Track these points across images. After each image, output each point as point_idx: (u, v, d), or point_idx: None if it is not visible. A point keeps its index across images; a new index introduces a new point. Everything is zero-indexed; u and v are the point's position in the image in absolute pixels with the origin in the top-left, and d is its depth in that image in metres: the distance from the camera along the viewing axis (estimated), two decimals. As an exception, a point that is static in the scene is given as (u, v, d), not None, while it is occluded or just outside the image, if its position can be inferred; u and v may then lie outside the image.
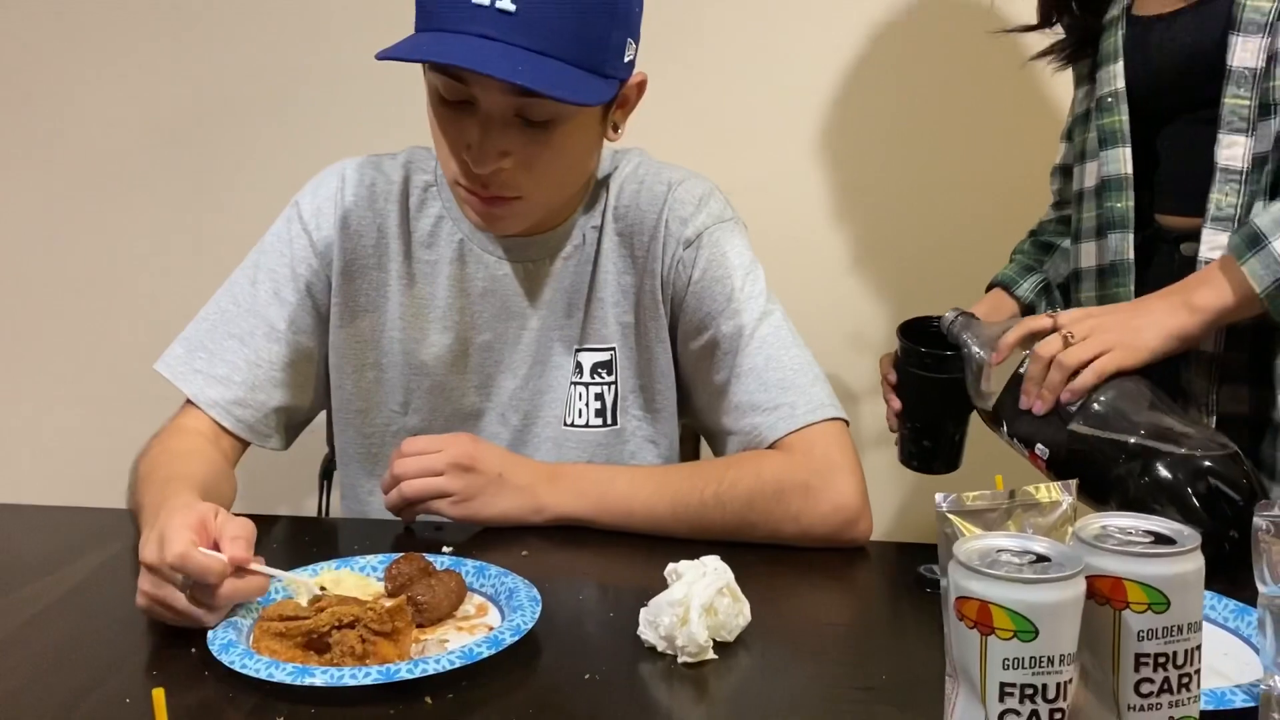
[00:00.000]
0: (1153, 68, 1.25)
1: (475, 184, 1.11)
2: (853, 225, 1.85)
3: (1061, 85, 1.46)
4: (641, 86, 1.17)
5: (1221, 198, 1.18)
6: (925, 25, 1.78)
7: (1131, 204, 1.27)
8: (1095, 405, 1.09)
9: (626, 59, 1.10)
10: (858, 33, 1.80)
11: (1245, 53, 1.15)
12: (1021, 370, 1.14)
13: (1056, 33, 1.39)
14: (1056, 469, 1.11)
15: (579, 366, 1.26)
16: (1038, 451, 1.12)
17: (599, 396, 1.25)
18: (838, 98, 1.82)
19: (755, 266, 1.24)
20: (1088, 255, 1.33)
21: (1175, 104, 1.23)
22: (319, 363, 1.27)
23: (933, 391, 1.28)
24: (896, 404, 1.33)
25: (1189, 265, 1.20)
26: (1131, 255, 1.27)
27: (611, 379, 1.25)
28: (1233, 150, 1.17)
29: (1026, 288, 1.44)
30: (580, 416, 1.25)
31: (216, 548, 0.91)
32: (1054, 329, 1.13)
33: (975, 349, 1.21)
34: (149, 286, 1.93)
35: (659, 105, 1.79)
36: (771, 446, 1.16)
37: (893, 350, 1.35)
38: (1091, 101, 1.32)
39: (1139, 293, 1.25)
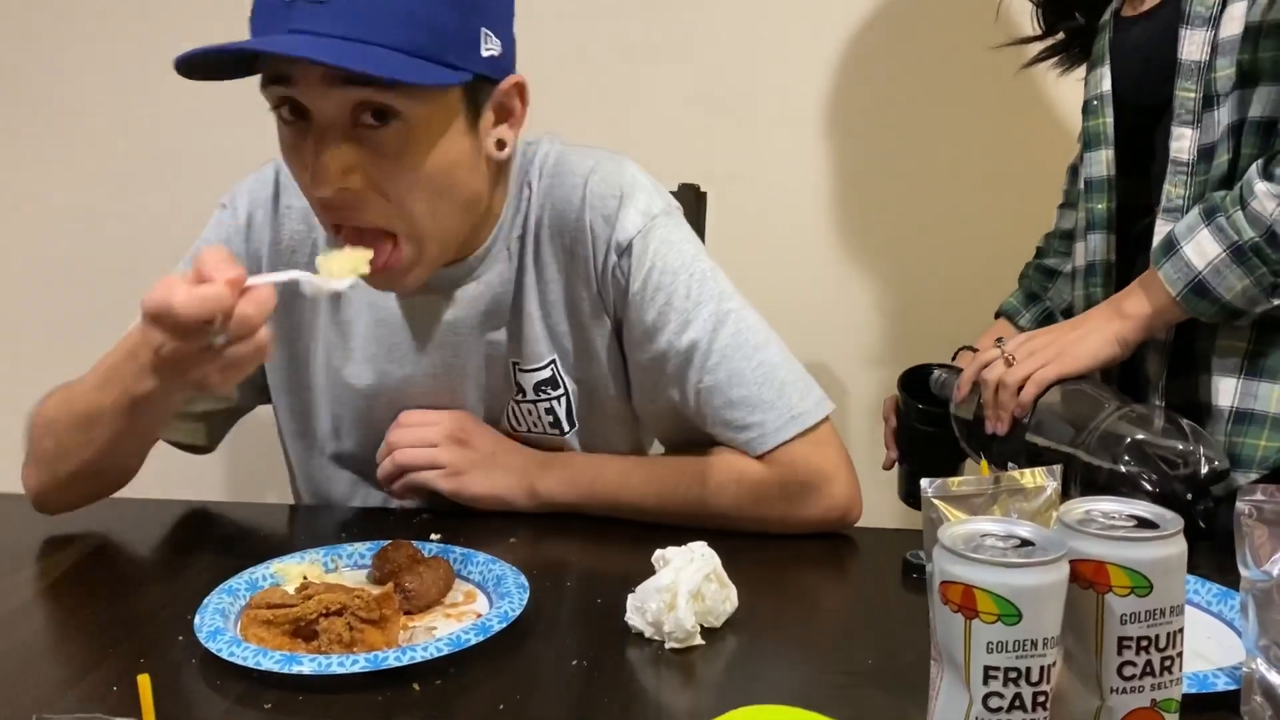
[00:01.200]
0: (1132, 67, 1.26)
1: (333, 216, 0.99)
2: (845, 213, 1.85)
3: (1063, 79, 1.46)
4: (520, 90, 1.05)
5: (1172, 189, 1.19)
6: (924, 14, 1.78)
7: (1113, 205, 1.28)
8: (1042, 414, 1.16)
9: (485, 52, 0.99)
10: (852, 16, 1.79)
11: (1192, 45, 1.16)
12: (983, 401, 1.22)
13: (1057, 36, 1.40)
14: None
15: (521, 389, 1.17)
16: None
17: (549, 410, 1.18)
18: (835, 85, 1.81)
19: (700, 260, 1.12)
20: (1078, 254, 1.35)
21: (1154, 101, 1.24)
22: (261, 367, 1.19)
23: (930, 444, 1.37)
24: (894, 453, 1.42)
25: None
26: (1112, 256, 1.29)
27: (559, 391, 1.17)
28: (1180, 143, 1.19)
29: (1029, 318, 1.46)
30: (535, 428, 1.19)
31: None
32: (1001, 357, 1.19)
33: (955, 406, 1.28)
34: (115, 276, 1.91)
35: (645, 92, 1.81)
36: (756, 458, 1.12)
37: (893, 395, 1.42)
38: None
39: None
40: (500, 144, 1.06)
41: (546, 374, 1.16)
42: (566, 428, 1.19)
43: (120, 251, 1.93)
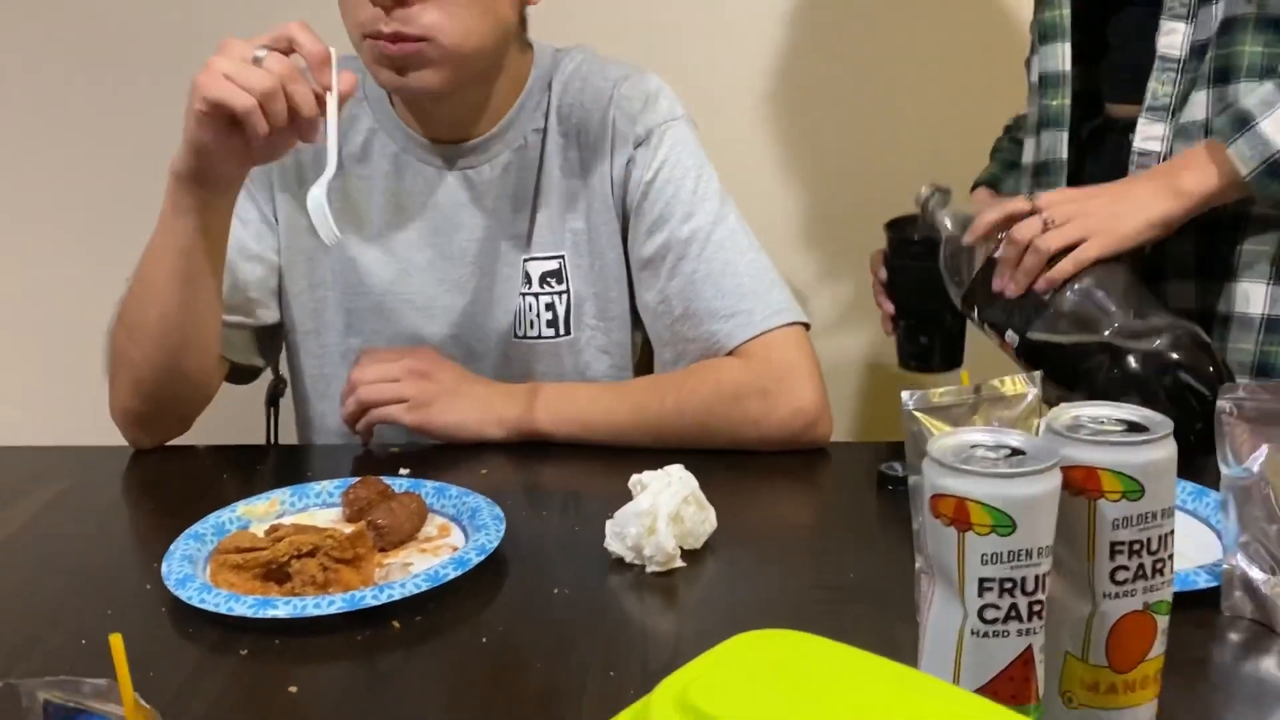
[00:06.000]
0: None
1: (387, 22, 1.05)
2: (814, 125, 1.81)
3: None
4: None
5: (1158, 86, 1.15)
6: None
7: (1068, 102, 1.22)
8: (1070, 295, 1.08)
9: None
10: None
11: None
12: (996, 255, 1.12)
13: None
14: (1027, 356, 1.11)
15: (527, 277, 1.22)
16: (1008, 338, 1.12)
17: (550, 306, 1.22)
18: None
19: (708, 166, 1.20)
20: (1028, 151, 1.29)
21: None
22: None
23: (928, 281, 1.20)
24: (889, 306, 1.26)
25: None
26: (1065, 154, 1.23)
27: (563, 288, 1.22)
28: (1171, 38, 1.14)
29: (1013, 185, 1.36)
30: (532, 328, 1.22)
31: None
32: (1033, 212, 1.10)
33: (951, 228, 1.17)
34: (96, 220, 1.86)
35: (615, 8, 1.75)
36: (730, 354, 1.15)
37: (880, 249, 1.28)
38: None
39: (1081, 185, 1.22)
40: None
41: (553, 266, 1.21)
42: (563, 330, 1.21)
43: (63, 191, 1.87)
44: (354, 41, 1.10)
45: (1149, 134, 1.16)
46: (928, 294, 1.21)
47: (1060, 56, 1.22)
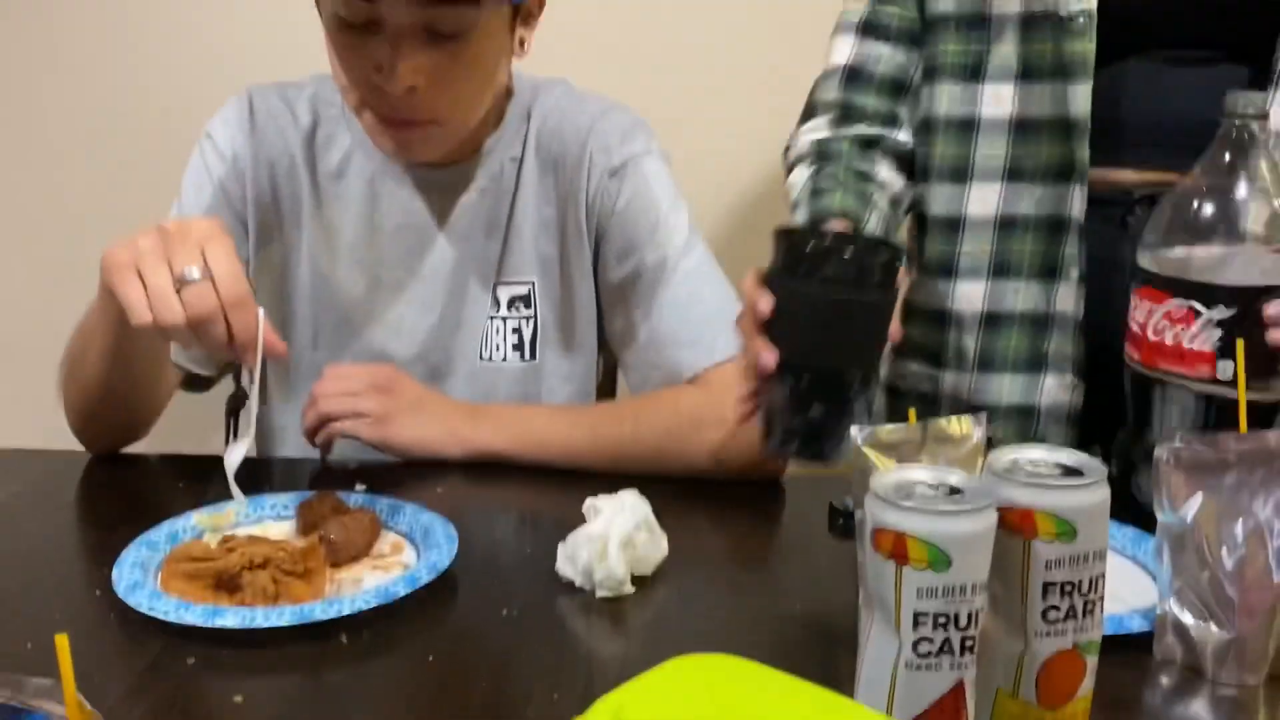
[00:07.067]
0: None
1: (387, 109, 1.09)
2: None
3: None
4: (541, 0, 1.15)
5: None
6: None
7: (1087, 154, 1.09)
8: None
9: None
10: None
11: None
12: None
13: None
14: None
15: (496, 301, 1.23)
16: None
17: (516, 330, 1.24)
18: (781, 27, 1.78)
19: (679, 199, 1.23)
20: (981, 201, 1.15)
21: (1140, 36, 1.06)
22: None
23: (841, 318, 0.84)
24: (770, 357, 0.85)
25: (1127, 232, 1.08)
26: (1079, 209, 1.10)
27: (529, 312, 1.24)
28: None
29: (875, 223, 1.13)
30: (498, 351, 1.24)
31: None
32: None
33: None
34: (70, 231, 1.86)
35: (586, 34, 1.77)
36: (691, 381, 1.16)
37: (761, 268, 0.89)
38: (1015, 8, 1.11)
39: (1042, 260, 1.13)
40: (521, 43, 1.15)
41: (523, 291, 1.23)
42: (528, 355, 1.23)
43: (40, 204, 1.86)
44: (348, 101, 1.12)
45: None
46: (836, 338, 0.85)
47: (1084, 99, 1.08)
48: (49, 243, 1.85)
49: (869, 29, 1.21)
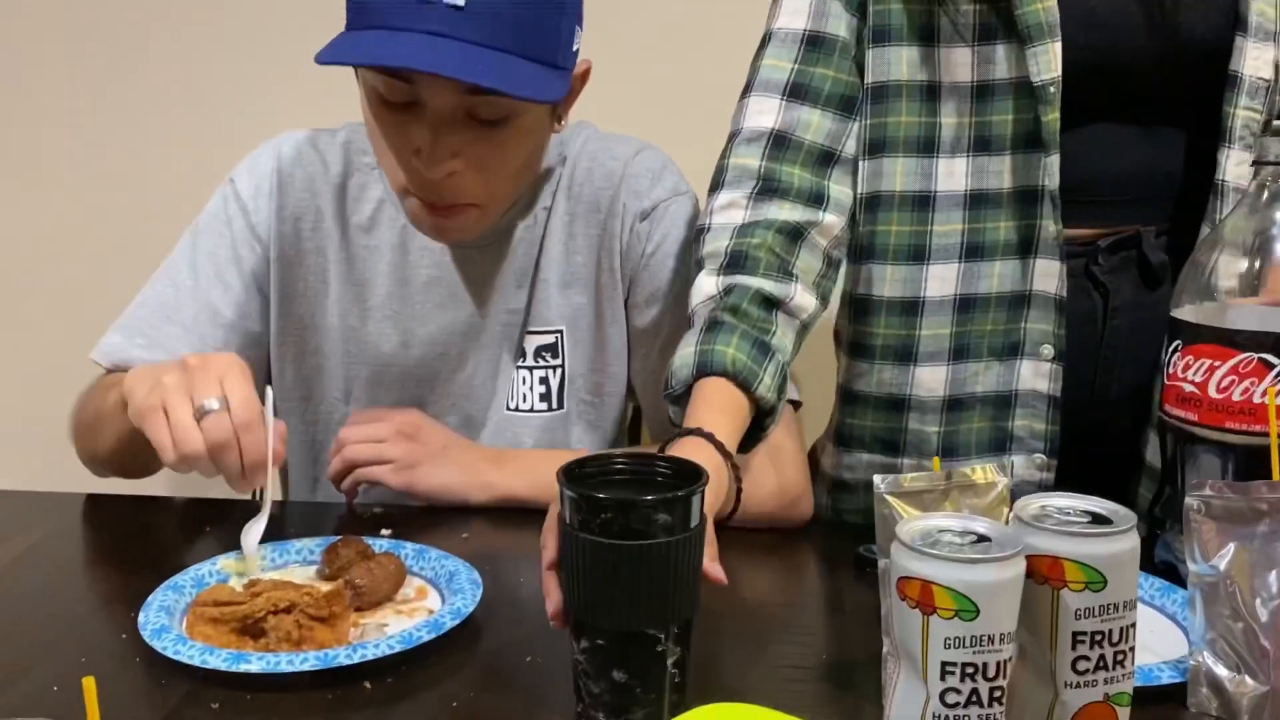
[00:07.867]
0: (1097, 47, 1.01)
1: (428, 193, 1.07)
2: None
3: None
4: (586, 75, 1.14)
5: (1250, 114, 1.01)
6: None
7: (1059, 227, 1.04)
8: None
9: (575, 48, 1.07)
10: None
11: (1257, 60, 0.98)
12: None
13: None
14: None
15: (522, 351, 1.24)
16: None
17: (544, 380, 1.24)
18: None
19: None
20: (940, 280, 1.09)
21: (1105, 99, 1.01)
22: (265, 348, 1.24)
23: (626, 570, 0.69)
24: (553, 605, 0.76)
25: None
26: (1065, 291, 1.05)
27: (557, 362, 1.24)
28: (1259, 61, 0.99)
29: (769, 383, 0.99)
30: (525, 401, 1.24)
31: None
32: None
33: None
34: (75, 269, 1.88)
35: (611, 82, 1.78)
36: None
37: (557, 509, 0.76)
38: (977, 75, 1.05)
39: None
40: (559, 119, 1.15)
41: (549, 340, 1.23)
42: (555, 404, 1.23)
43: (45, 236, 1.89)
44: (391, 184, 1.12)
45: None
46: (625, 594, 0.69)
47: (1054, 171, 1.03)
48: (76, 283, 1.88)
49: (797, 91, 1.08)
